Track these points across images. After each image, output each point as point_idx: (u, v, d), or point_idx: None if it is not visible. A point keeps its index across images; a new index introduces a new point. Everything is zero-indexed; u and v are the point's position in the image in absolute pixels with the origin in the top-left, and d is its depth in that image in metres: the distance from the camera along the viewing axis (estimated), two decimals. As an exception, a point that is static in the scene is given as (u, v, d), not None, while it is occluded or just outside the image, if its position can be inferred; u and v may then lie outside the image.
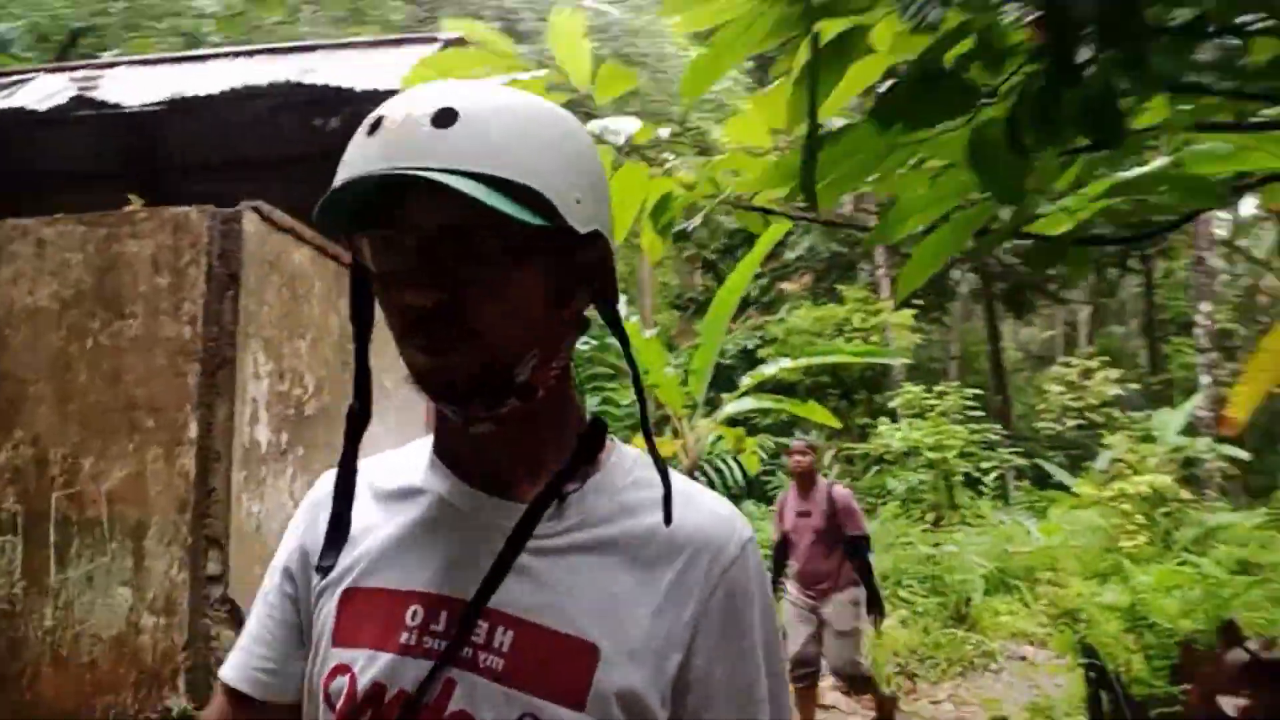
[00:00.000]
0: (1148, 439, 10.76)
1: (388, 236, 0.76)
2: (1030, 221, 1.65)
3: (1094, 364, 11.84)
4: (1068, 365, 12.42)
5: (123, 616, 3.67)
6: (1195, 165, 1.49)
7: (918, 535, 8.86)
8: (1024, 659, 6.49)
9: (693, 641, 0.79)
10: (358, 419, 0.87)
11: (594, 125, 1.68)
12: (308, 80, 4.85)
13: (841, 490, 4.88)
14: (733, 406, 7.91)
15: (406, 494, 0.86)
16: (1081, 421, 11.61)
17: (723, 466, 10.40)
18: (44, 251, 4.00)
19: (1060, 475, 12.34)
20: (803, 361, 7.84)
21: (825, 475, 5.66)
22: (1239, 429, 5.78)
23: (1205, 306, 12.51)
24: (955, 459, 9.94)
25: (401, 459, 0.91)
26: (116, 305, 3.84)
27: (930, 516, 9.61)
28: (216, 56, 5.46)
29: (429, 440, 0.90)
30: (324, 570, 0.84)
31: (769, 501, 11.10)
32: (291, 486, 4.12)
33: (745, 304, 13.59)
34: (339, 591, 0.83)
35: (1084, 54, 1.15)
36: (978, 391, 10.92)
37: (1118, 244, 3.26)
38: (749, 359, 12.25)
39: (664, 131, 1.69)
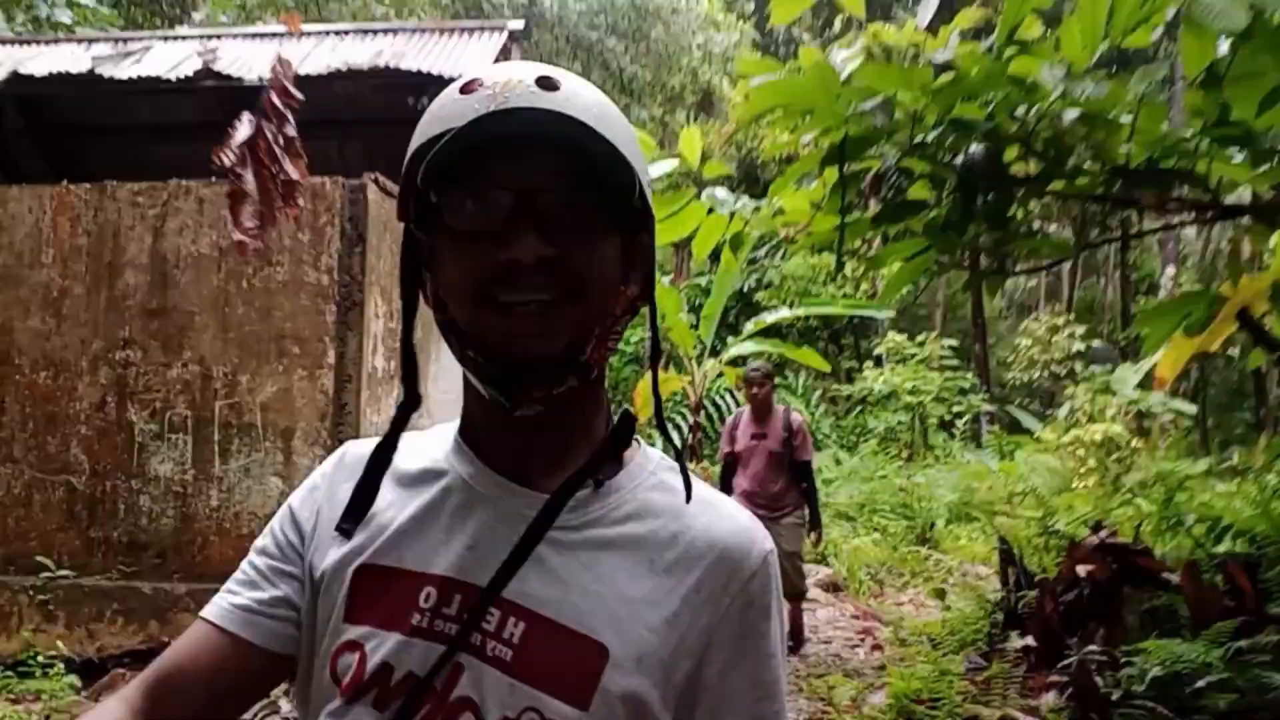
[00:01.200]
0: (1106, 391, 11.99)
1: (481, 193, 0.74)
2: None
3: (1060, 321, 13.04)
4: (1037, 321, 13.62)
5: (274, 500, 4.79)
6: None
7: (892, 470, 10.11)
8: (979, 577, 7.77)
9: (706, 651, 0.79)
10: (405, 408, 0.87)
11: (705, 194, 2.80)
12: (400, 65, 5.82)
13: (798, 417, 5.25)
14: (735, 349, 9.03)
15: (428, 476, 0.85)
16: (1048, 373, 12.85)
17: (720, 401, 11.56)
18: (203, 208, 5.03)
19: (1028, 421, 13.62)
20: (800, 311, 8.95)
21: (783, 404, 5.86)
22: (1165, 386, 7.13)
23: (1170, 270, 13.69)
24: (931, 403, 11.14)
25: (425, 441, 0.89)
26: (266, 254, 4.89)
27: (905, 454, 10.85)
28: (313, 34, 6.38)
29: (453, 425, 0.89)
30: (343, 531, 0.83)
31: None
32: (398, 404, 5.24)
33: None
34: (353, 567, 0.82)
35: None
36: (953, 343, 12.11)
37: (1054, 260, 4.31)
38: (746, 300, 13.32)
39: (744, 201, 2.78)
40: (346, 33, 6.36)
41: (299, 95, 3.83)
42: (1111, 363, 12.98)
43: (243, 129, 3.66)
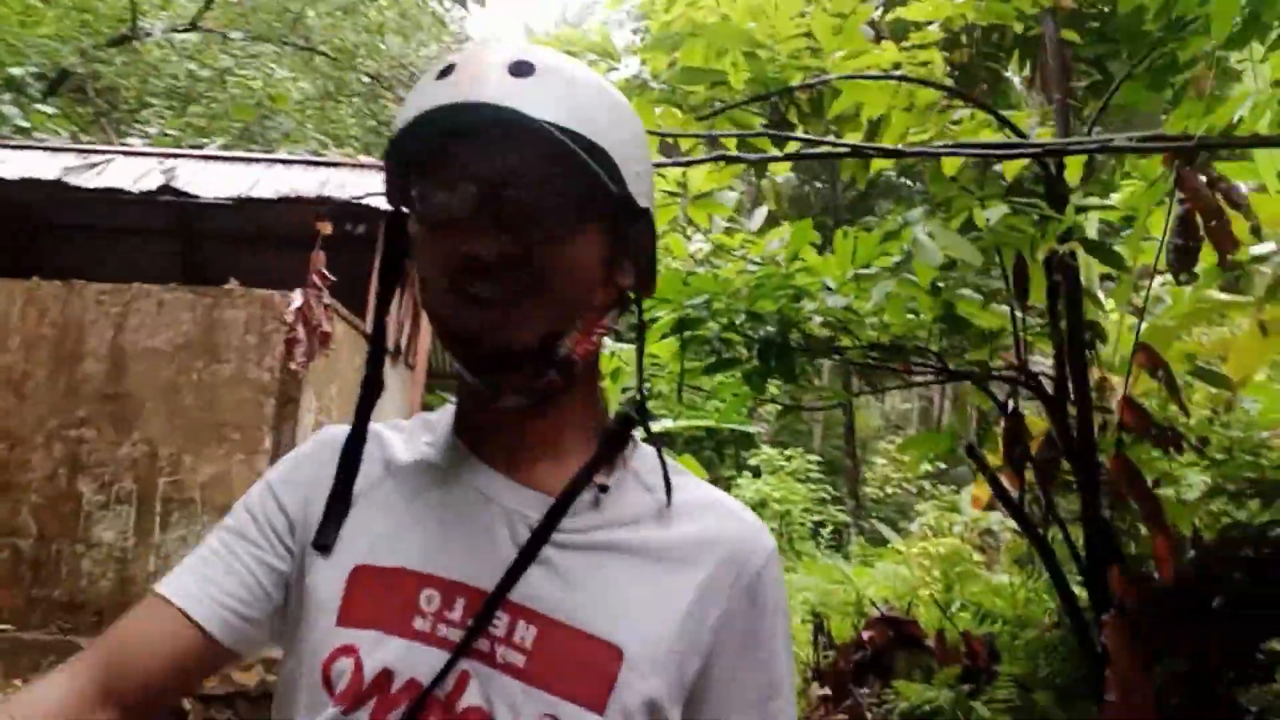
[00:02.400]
0: (954, 509, 13.40)
1: (449, 181, 0.73)
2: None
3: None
4: (892, 443, 15.10)
5: (205, 567, 5.45)
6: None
7: (760, 571, 11.17)
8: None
9: (714, 648, 0.79)
10: (371, 388, 0.84)
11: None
12: (340, 194, 6.78)
13: None
14: (623, 454, 10.07)
15: (424, 469, 0.83)
16: (904, 490, 14.24)
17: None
18: (162, 310, 5.82)
19: (888, 533, 14.93)
20: (682, 424, 10.05)
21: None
22: (981, 506, 8.44)
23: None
24: (798, 512, 12.31)
25: (419, 429, 0.87)
26: (215, 353, 5.70)
27: (772, 557, 11.98)
28: (261, 161, 7.31)
29: (447, 412, 0.86)
30: (322, 547, 0.79)
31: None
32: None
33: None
34: (348, 567, 0.78)
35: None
36: (817, 458, 13.38)
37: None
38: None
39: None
40: (294, 162, 7.30)
41: (330, 276, 4.96)
42: (961, 483, 14.50)
43: (297, 298, 4.80)
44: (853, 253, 3.16)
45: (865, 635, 4.38)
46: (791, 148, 3.00)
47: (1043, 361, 4.03)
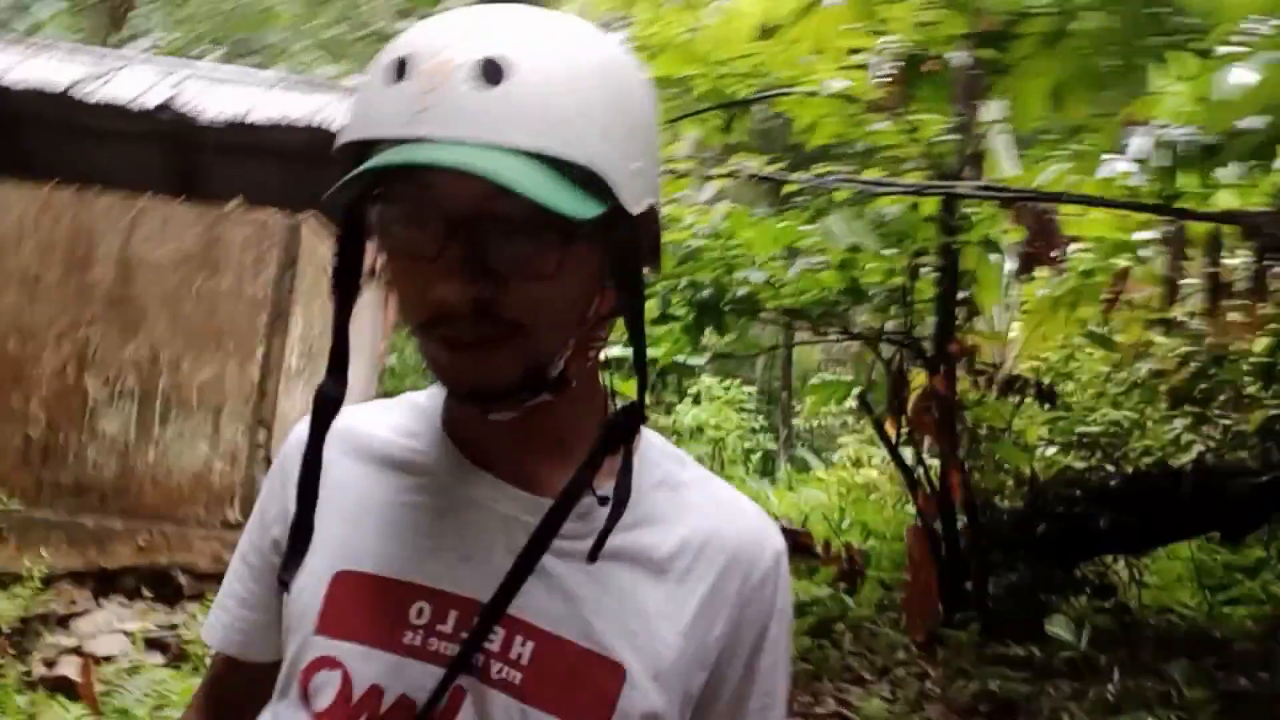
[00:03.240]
0: (873, 443, 14.53)
1: (412, 215, 0.67)
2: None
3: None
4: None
5: (201, 459, 6.20)
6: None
7: (692, 490, 12.19)
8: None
9: (719, 660, 0.78)
10: (328, 401, 0.78)
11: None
12: (332, 125, 7.33)
13: None
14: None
15: (409, 466, 0.79)
16: (831, 423, 15.35)
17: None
18: (167, 225, 6.41)
19: (814, 462, 16.10)
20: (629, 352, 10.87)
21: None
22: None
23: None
24: (732, 439, 13.32)
25: (400, 417, 0.83)
26: (214, 266, 6.33)
27: (704, 479, 13.03)
28: (260, 84, 7.80)
29: (434, 401, 0.82)
30: (284, 583, 0.77)
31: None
32: (305, 395, 6.75)
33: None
34: (329, 572, 0.76)
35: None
36: (752, 390, 14.37)
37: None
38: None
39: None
40: (291, 86, 7.81)
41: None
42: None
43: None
44: (777, 236, 3.97)
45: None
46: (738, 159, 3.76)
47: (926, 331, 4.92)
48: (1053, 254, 3.41)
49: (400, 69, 0.64)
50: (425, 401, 0.84)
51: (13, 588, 5.55)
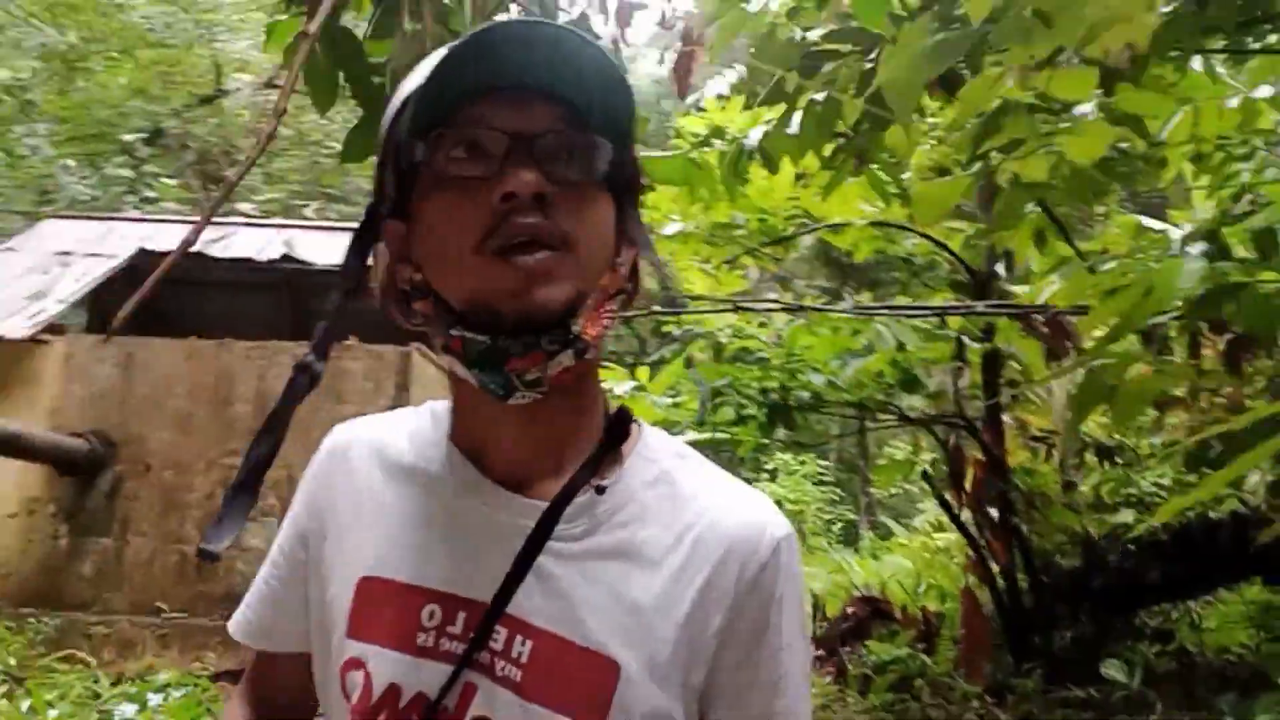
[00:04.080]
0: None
1: (474, 136, 0.73)
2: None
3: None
4: (900, 446, 16.57)
5: (336, 565, 7.04)
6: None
7: (776, 564, 12.67)
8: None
9: (719, 652, 0.78)
10: (305, 378, 0.85)
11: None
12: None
13: None
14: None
15: (423, 475, 0.84)
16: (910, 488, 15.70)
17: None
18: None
19: (896, 528, 16.41)
20: (705, 435, 11.53)
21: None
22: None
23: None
24: (810, 512, 13.81)
25: (412, 427, 0.89)
26: (338, 395, 7.23)
27: (788, 552, 13.51)
28: (326, 229, 8.84)
29: (439, 413, 0.87)
30: (207, 555, 0.78)
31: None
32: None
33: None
34: (355, 578, 0.83)
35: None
36: (828, 463, 14.86)
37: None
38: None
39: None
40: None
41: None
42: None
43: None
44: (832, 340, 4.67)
45: (848, 610, 5.91)
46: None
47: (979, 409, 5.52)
48: (1069, 349, 4.03)
49: (459, 44, 0.73)
50: (441, 411, 0.88)
51: (184, 687, 6.34)
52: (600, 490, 0.79)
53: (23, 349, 7.13)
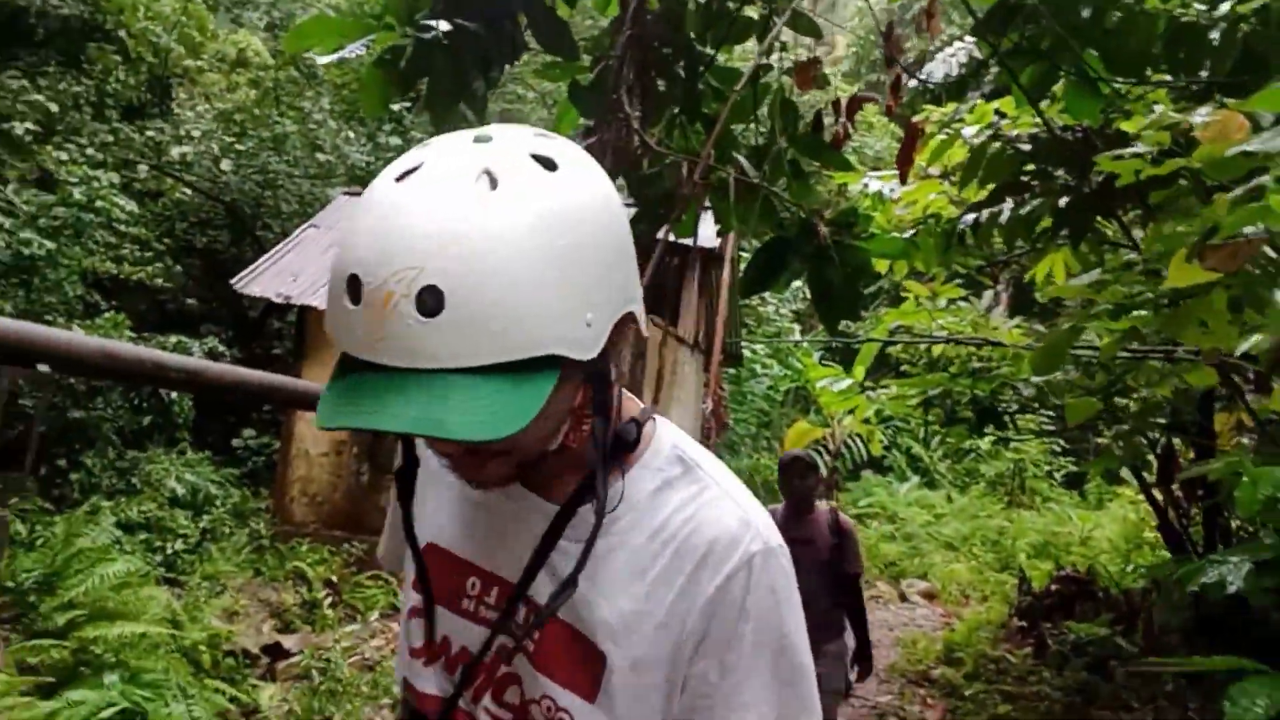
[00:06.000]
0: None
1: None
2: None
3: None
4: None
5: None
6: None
7: (993, 511, 12.97)
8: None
9: (695, 655, 0.90)
10: (403, 479, 0.99)
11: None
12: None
13: (848, 519, 4.25)
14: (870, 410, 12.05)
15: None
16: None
17: (853, 444, 14.58)
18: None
19: (1126, 474, 16.08)
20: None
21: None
22: None
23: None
24: (1029, 462, 13.93)
25: None
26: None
27: (1006, 499, 13.70)
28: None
29: None
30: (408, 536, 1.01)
31: (883, 472, 15.08)
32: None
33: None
34: (425, 540, 1.01)
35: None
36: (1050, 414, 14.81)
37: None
38: (881, 360, 16.24)
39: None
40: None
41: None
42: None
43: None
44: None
45: (1053, 587, 6.42)
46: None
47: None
48: None
49: (354, 290, 0.73)
50: None
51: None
52: (599, 511, 0.87)
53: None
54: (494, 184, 0.75)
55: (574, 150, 0.83)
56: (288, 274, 8.58)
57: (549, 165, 0.78)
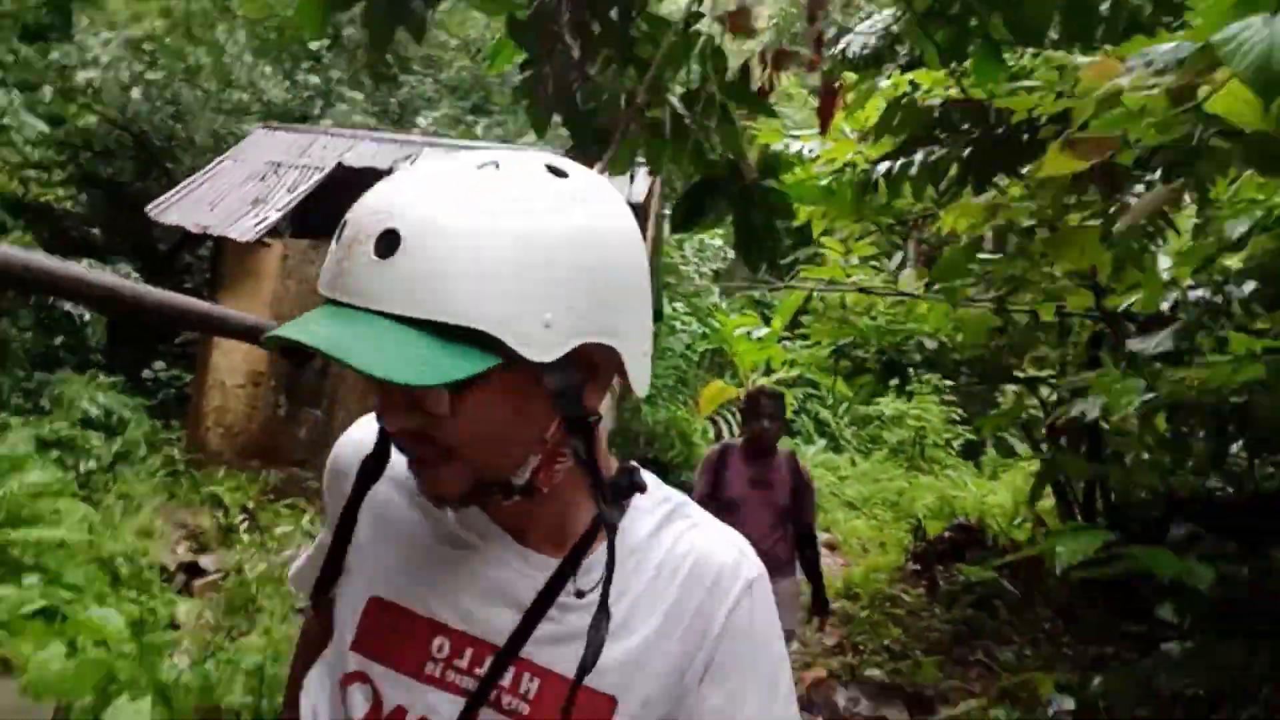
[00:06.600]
0: (1077, 431, 15.23)
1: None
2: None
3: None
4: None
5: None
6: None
7: (893, 475, 13.57)
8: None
9: (699, 689, 0.90)
10: (368, 473, 0.92)
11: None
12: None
13: (808, 469, 4.23)
14: (782, 374, 12.45)
15: (441, 515, 0.92)
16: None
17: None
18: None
19: (1019, 448, 16.95)
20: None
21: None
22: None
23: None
24: (931, 428, 14.57)
25: None
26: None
27: (906, 464, 14.34)
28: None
29: None
30: (314, 602, 0.96)
31: (792, 435, 15.62)
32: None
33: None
34: (365, 595, 0.92)
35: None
36: (951, 383, 15.50)
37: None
38: (794, 323, 16.72)
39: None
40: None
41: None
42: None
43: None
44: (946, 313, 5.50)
45: (946, 534, 6.87)
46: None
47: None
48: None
49: (340, 232, 0.76)
50: None
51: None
52: (580, 594, 0.88)
53: (246, 250, 8.53)
54: (498, 168, 0.78)
55: (605, 189, 0.83)
56: (204, 204, 8.47)
57: (566, 181, 0.80)
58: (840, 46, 3.72)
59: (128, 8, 12.68)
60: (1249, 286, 3.66)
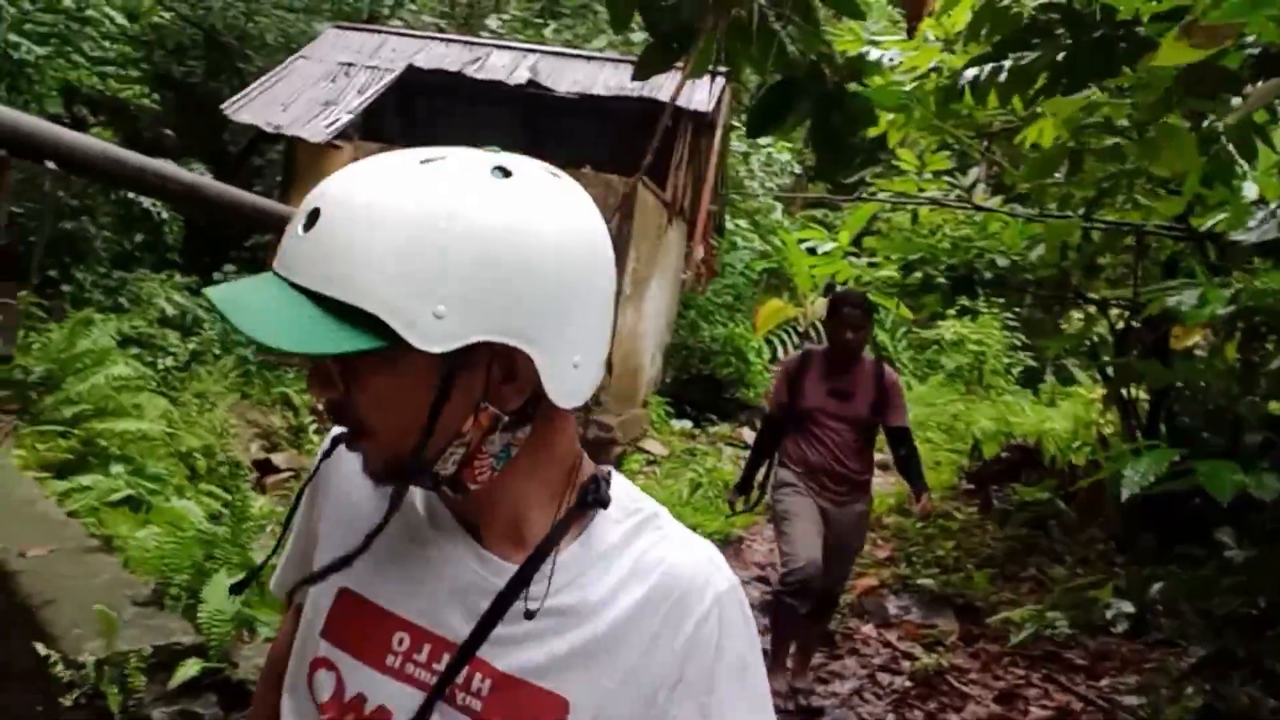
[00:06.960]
0: (1141, 363, 14.97)
1: None
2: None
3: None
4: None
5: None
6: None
7: (950, 400, 13.51)
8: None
9: (669, 697, 0.89)
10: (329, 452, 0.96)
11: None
12: (656, 95, 9.20)
13: (894, 372, 4.08)
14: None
15: (409, 508, 0.93)
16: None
17: (820, 328, 15.00)
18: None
19: (1081, 377, 16.74)
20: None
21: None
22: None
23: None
24: (991, 354, 14.43)
25: None
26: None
27: (964, 389, 14.25)
28: (599, 59, 9.78)
29: None
30: (289, 597, 1.05)
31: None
32: (633, 314, 8.85)
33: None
34: (336, 586, 0.94)
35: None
36: (1015, 310, 15.26)
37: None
38: (857, 244, 16.53)
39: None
40: (623, 62, 9.76)
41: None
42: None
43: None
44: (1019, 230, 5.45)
45: (1003, 454, 6.88)
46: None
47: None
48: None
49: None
50: None
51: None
52: (531, 615, 0.88)
53: (318, 151, 8.65)
54: (444, 161, 0.80)
55: (560, 200, 0.82)
56: (277, 104, 8.57)
57: (506, 181, 0.79)
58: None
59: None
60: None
